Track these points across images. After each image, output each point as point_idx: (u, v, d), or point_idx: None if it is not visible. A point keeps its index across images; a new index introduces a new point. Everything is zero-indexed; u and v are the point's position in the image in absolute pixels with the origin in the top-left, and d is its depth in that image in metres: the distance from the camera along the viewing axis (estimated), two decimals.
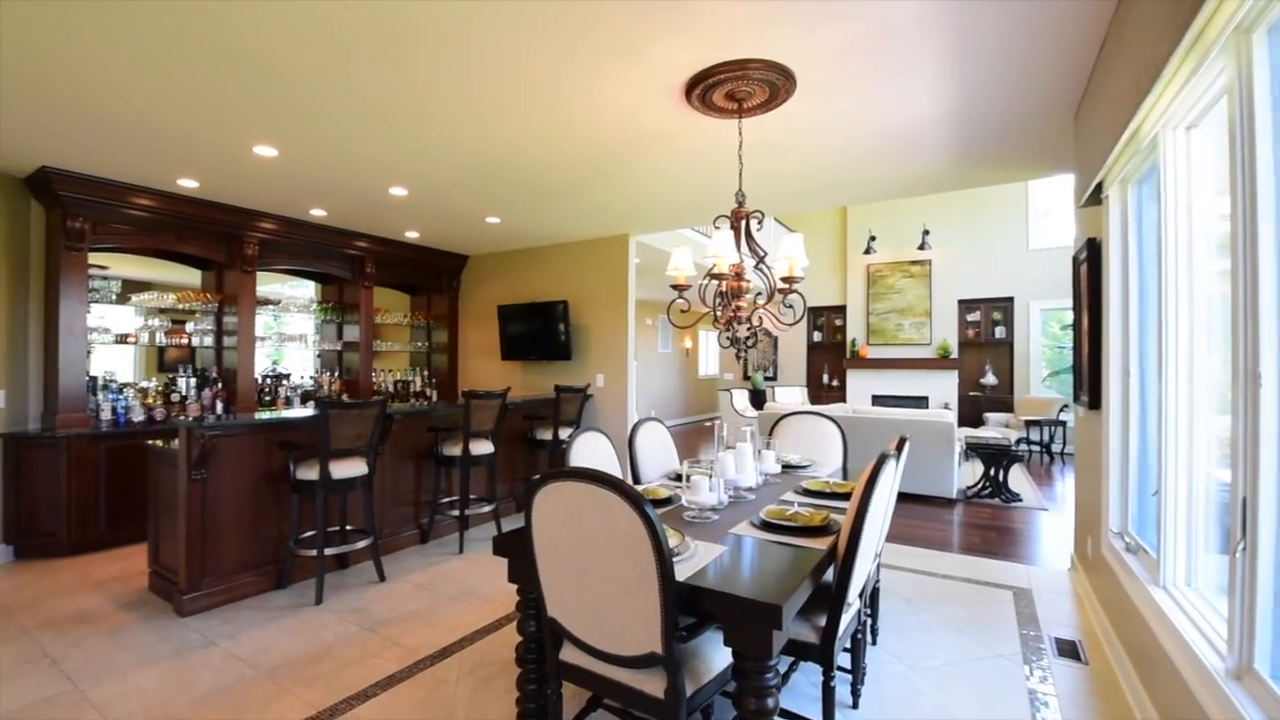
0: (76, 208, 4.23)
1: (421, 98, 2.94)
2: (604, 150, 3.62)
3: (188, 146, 3.61)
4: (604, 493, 1.52)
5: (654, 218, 5.33)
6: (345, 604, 3.37)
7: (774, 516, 2.20)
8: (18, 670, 2.64)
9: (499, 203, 4.85)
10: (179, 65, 2.60)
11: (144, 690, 2.48)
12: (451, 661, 2.69)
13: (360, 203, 4.87)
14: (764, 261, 2.66)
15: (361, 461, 3.62)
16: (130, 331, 5.00)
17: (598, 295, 6.14)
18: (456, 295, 7.35)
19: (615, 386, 6.00)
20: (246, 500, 3.50)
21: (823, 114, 3.11)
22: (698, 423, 13.25)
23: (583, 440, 2.62)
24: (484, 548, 4.38)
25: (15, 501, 4.10)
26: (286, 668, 2.66)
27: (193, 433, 3.19)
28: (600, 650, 1.67)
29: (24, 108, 3.05)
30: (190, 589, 3.23)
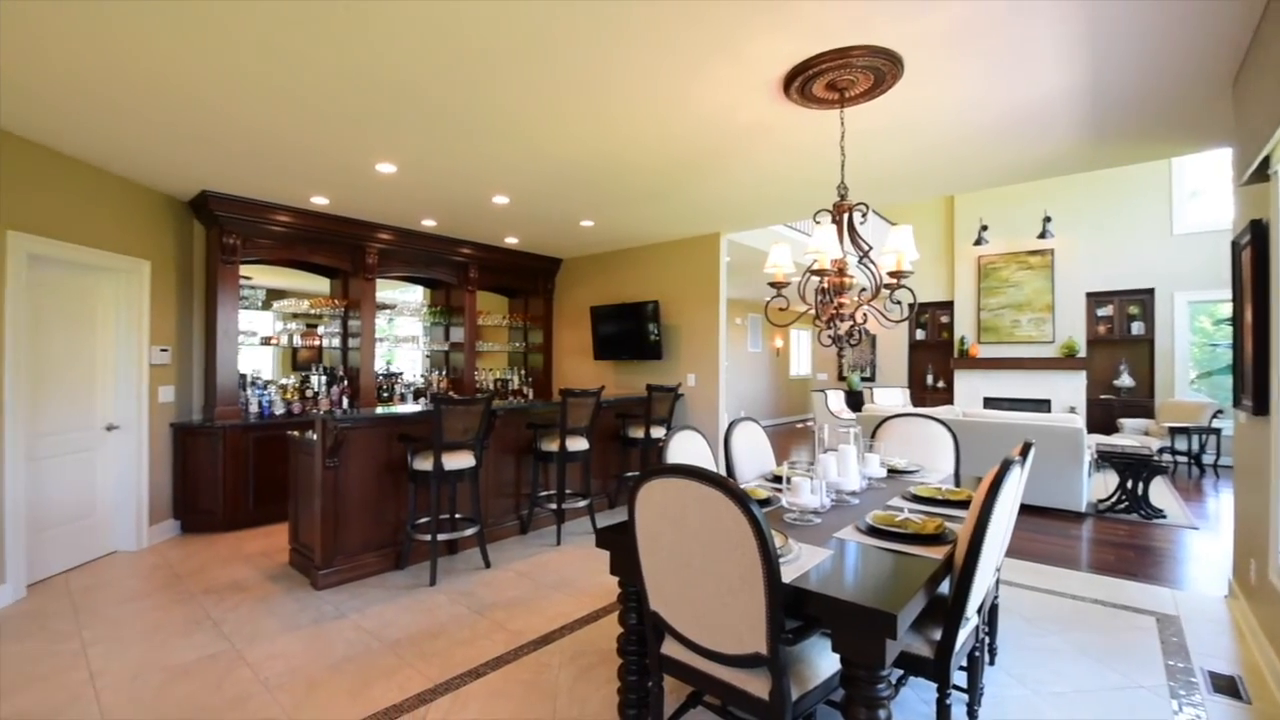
0: (230, 225, 4.81)
1: (523, 112, 3.08)
2: (697, 149, 3.63)
3: (321, 167, 4.00)
4: (708, 490, 1.52)
5: (747, 215, 5.25)
6: (455, 587, 3.60)
7: (882, 522, 2.10)
8: (187, 629, 3.04)
9: (593, 206, 4.98)
10: (317, 93, 2.88)
11: (288, 653, 2.78)
12: (553, 648, 2.79)
13: (466, 212, 5.18)
14: (869, 256, 2.55)
15: (469, 454, 3.85)
16: (272, 334, 5.62)
17: (688, 295, 6.14)
18: (551, 297, 7.62)
19: (706, 386, 5.98)
20: (370, 487, 3.83)
21: (933, 98, 2.93)
22: (789, 424, 12.91)
23: (679, 439, 2.63)
24: (580, 540, 4.52)
25: (182, 483, 4.72)
26: (406, 642, 2.88)
27: (327, 425, 3.53)
28: (702, 647, 1.68)
29: (189, 138, 3.51)
30: (324, 565, 3.58)
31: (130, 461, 4.32)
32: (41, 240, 3.58)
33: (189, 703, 2.37)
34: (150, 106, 3.04)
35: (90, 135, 3.43)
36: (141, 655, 2.76)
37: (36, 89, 2.84)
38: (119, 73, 2.68)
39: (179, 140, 3.52)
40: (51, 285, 3.78)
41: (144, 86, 2.81)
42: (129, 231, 4.28)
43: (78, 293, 4.00)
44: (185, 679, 2.55)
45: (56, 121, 3.23)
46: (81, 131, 3.37)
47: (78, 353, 4.01)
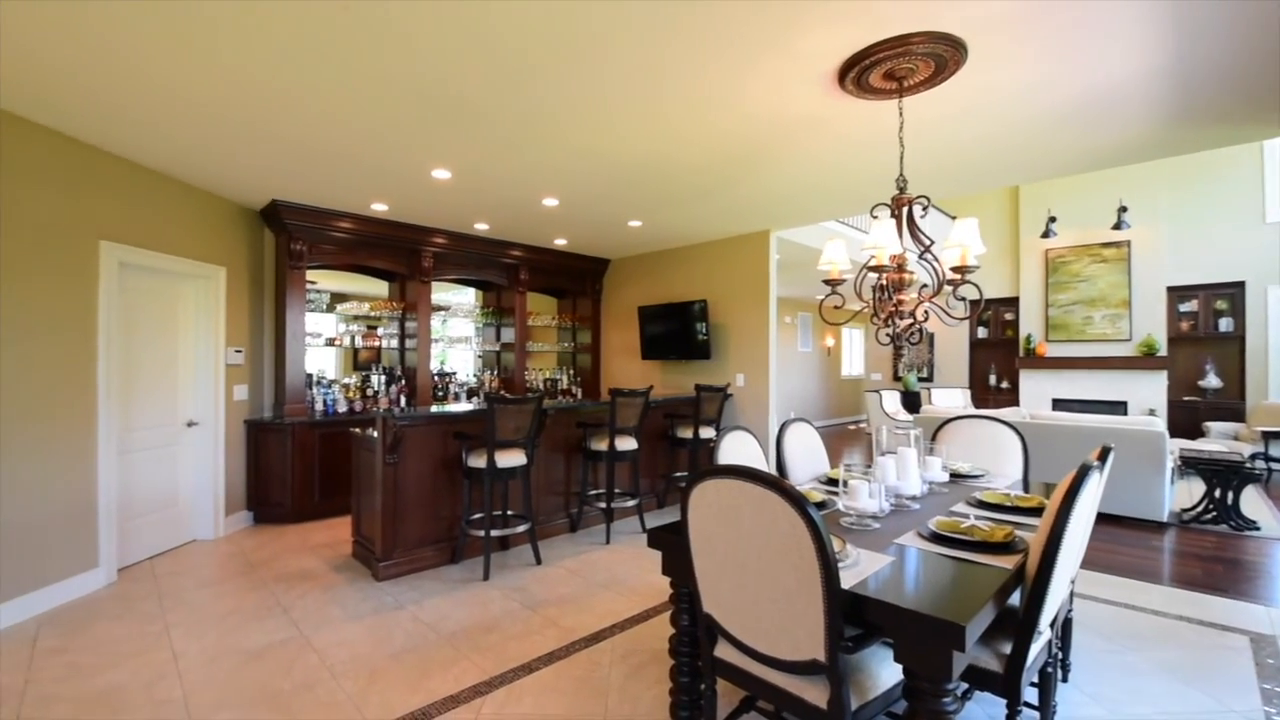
0: (297, 233, 5.06)
1: (572, 115, 3.11)
2: (747, 146, 3.57)
3: (380, 174, 4.15)
4: (763, 492, 1.49)
5: (798, 211, 5.15)
6: (508, 582, 3.67)
7: (946, 528, 2.02)
8: (260, 615, 3.21)
9: (641, 206, 4.99)
10: (375, 104, 2.99)
11: (351, 641, 2.90)
12: (604, 646, 2.81)
13: (517, 214, 5.27)
14: (930, 250, 2.45)
15: (521, 453, 3.92)
16: (335, 335, 5.87)
17: (737, 293, 6.07)
18: (599, 298, 7.68)
19: (756, 386, 5.90)
20: (427, 483, 3.95)
21: (997, 83, 2.80)
22: (840, 426, 12.59)
23: (730, 439, 2.60)
24: (628, 540, 4.53)
25: (254, 476, 5.00)
26: (462, 635, 2.95)
27: (387, 422, 3.66)
28: (757, 651, 1.65)
29: (262, 152, 3.70)
30: (384, 558, 3.71)
31: (208, 456, 4.60)
32: (130, 249, 3.85)
33: (261, 686, 2.50)
34: (226, 121, 3.22)
35: (172, 149, 3.67)
36: (218, 638, 2.93)
37: (127, 106, 3.06)
38: (199, 89, 2.85)
39: (252, 153, 3.71)
40: (139, 291, 4.06)
41: (220, 102, 2.99)
42: (207, 240, 4.56)
43: (162, 298, 4.29)
44: (258, 662, 2.69)
45: (142, 137, 3.47)
46: (164, 146, 3.61)
47: (162, 354, 4.30)
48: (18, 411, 3.16)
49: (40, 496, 3.28)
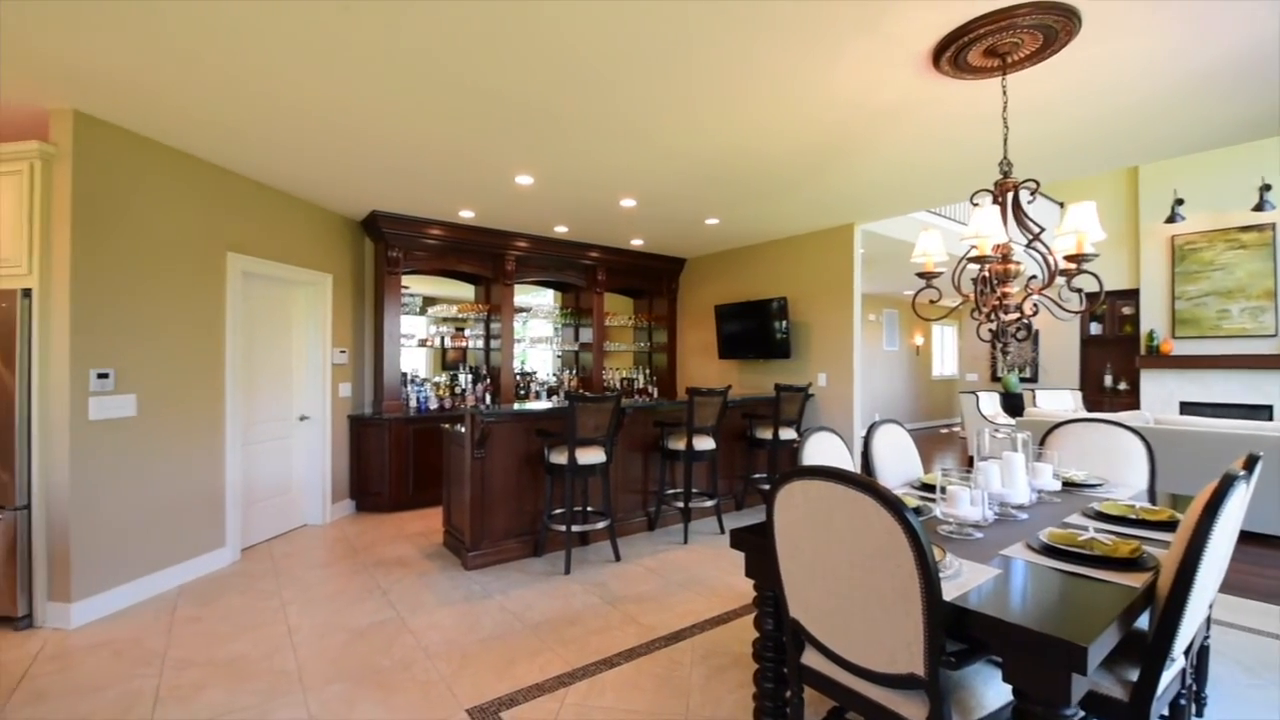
0: (393, 240, 5.39)
1: (651, 116, 3.12)
2: (832, 137, 3.45)
3: (468, 182, 4.34)
4: (856, 495, 1.43)
5: (885, 202, 4.91)
6: (588, 577, 3.73)
7: (1061, 541, 1.85)
8: (362, 597, 3.44)
9: (719, 204, 4.93)
10: (464, 114, 3.13)
11: (443, 625, 3.05)
12: (684, 646, 2.80)
13: (595, 216, 5.36)
14: (1039, 239, 2.26)
15: (601, 450, 3.98)
16: (426, 336, 6.22)
17: (819, 290, 5.87)
18: (675, 297, 7.67)
19: (839, 386, 5.68)
20: (512, 478, 4.10)
21: (1115, 55, 2.54)
22: (931, 429, 11.92)
23: (816, 440, 2.51)
24: (707, 540, 4.49)
25: (356, 467, 5.37)
26: (546, 625, 3.03)
27: (475, 419, 3.83)
28: (848, 661, 1.58)
29: (364, 166, 3.97)
30: (473, 548, 3.88)
31: (317, 448, 5.00)
32: (251, 259, 4.24)
33: (365, 661, 2.68)
34: (333, 140, 3.48)
35: (288, 167, 4.01)
36: (327, 616, 3.17)
37: (250, 132, 3.37)
38: (310, 112, 3.10)
39: (355, 168, 3.99)
40: (258, 297, 4.47)
41: (328, 122, 3.23)
42: (316, 249, 4.95)
43: (277, 303, 4.70)
44: (361, 640, 2.89)
45: (263, 158, 3.81)
46: (281, 165, 3.95)
47: (277, 354, 4.71)
48: (164, 407, 3.56)
49: (181, 482, 3.68)
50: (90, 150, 3.16)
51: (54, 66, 2.65)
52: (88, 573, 3.14)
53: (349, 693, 2.43)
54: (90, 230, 3.16)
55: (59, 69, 2.67)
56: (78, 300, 3.10)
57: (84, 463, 3.14)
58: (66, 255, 3.07)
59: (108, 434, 3.25)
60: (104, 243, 3.23)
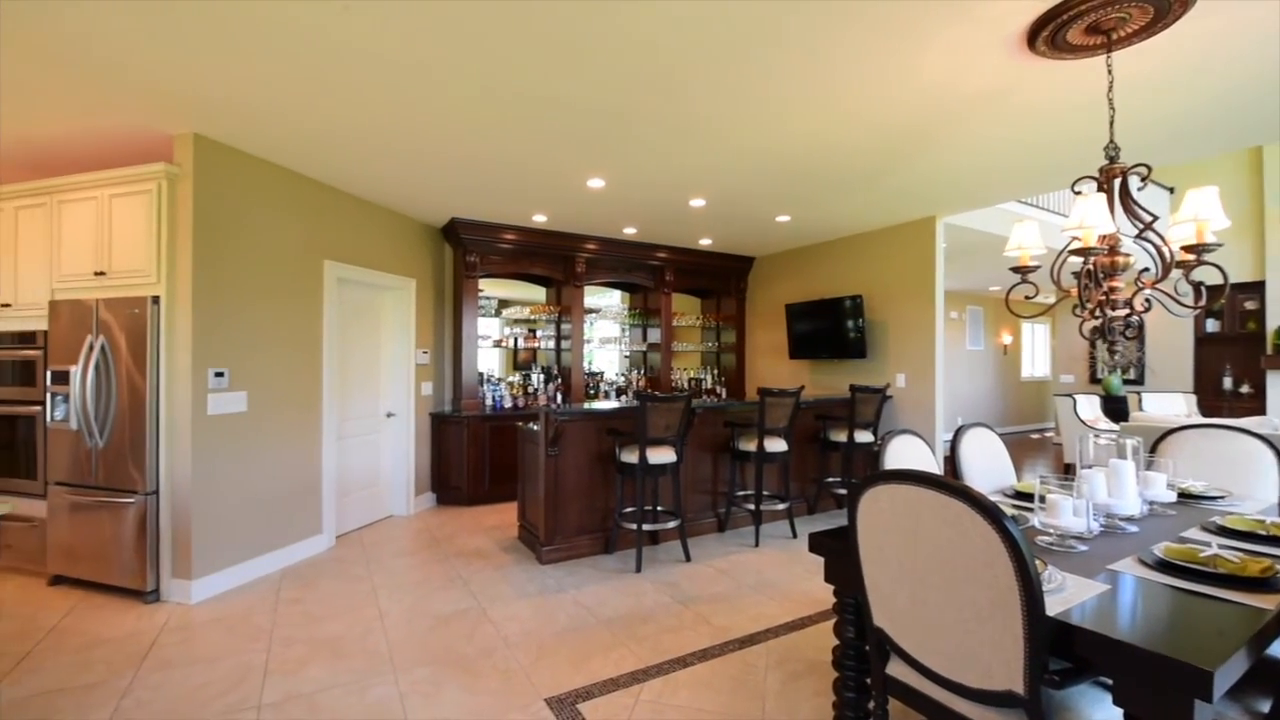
0: (471, 245, 5.62)
1: (726, 114, 3.10)
2: (914, 127, 3.31)
3: (542, 187, 4.47)
4: (950, 501, 1.37)
5: (970, 194, 4.66)
6: (659, 576, 3.75)
7: (1178, 557, 1.70)
8: (445, 585, 3.61)
9: (790, 200, 4.84)
10: (538, 122, 3.23)
11: (521, 617, 3.15)
12: (759, 650, 2.76)
13: (664, 217, 5.38)
14: (1151, 228, 2.07)
15: (671, 450, 3.99)
16: (500, 338, 6.44)
17: (897, 287, 5.64)
18: (744, 296, 7.57)
19: (919, 387, 5.43)
20: (584, 476, 4.18)
21: (1235, 26, 2.30)
22: (1021, 434, 11.18)
23: (898, 443, 2.42)
24: (778, 544, 4.41)
25: (436, 462, 5.64)
26: (618, 621, 3.08)
27: (549, 417, 3.94)
28: (939, 674, 1.51)
29: (447, 177, 4.17)
30: (547, 543, 3.99)
31: (402, 443, 5.28)
32: (345, 266, 4.54)
33: (449, 646, 2.81)
34: (418, 151, 3.67)
35: (376, 180, 4.26)
36: (414, 602, 3.35)
37: (344, 148, 3.61)
38: (399, 129, 3.29)
39: (437, 178, 4.20)
40: (350, 302, 4.78)
41: (413, 135, 3.41)
42: (401, 255, 5.24)
43: (367, 307, 5.00)
44: (445, 626, 3.03)
45: (354, 172, 4.08)
46: (371, 177, 4.21)
47: (367, 354, 5.02)
48: (270, 404, 3.88)
49: (284, 473, 4.00)
50: (208, 169, 3.48)
51: (178, 96, 2.94)
52: (205, 553, 3.47)
53: (436, 675, 2.56)
54: (208, 242, 3.49)
55: (182, 98, 2.96)
56: (198, 305, 3.43)
57: (203, 454, 3.46)
58: (189, 265, 3.40)
59: (223, 428, 3.57)
60: (219, 253, 3.55)
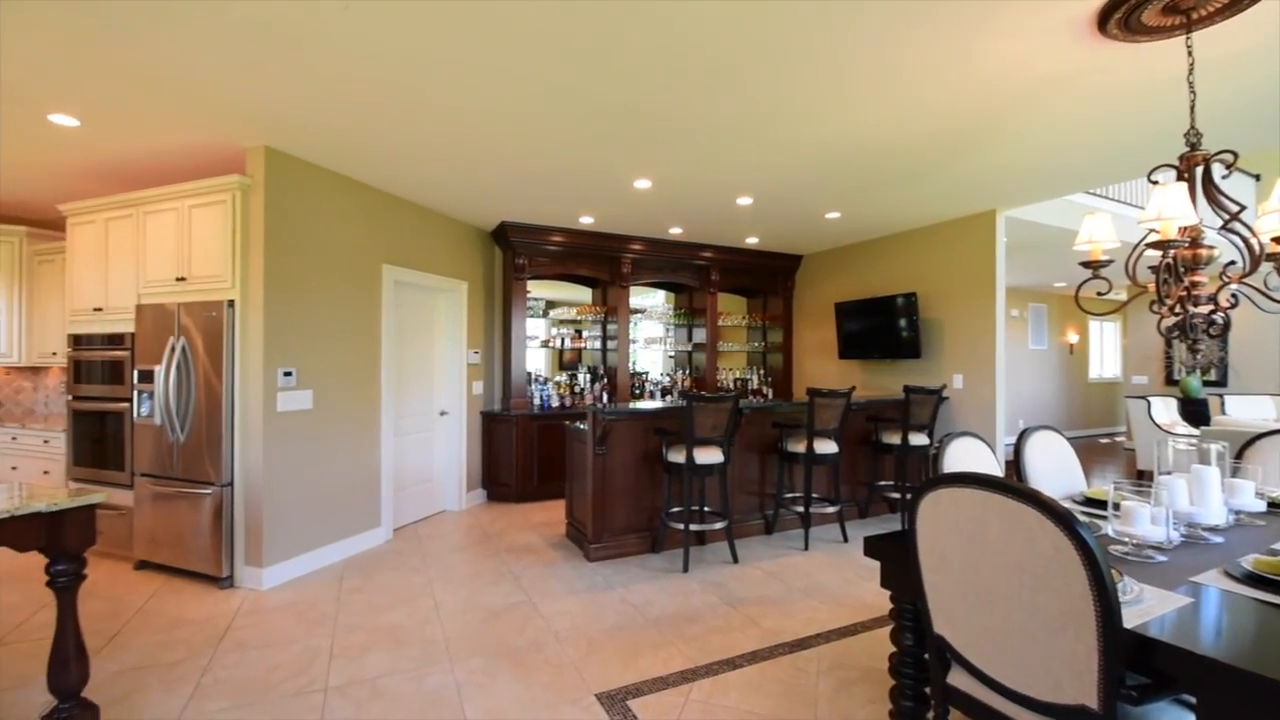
0: (520, 248, 5.74)
1: (773, 111, 3.06)
2: (975, 116, 3.19)
3: (589, 190, 4.52)
4: (1018, 506, 1.31)
5: (1035, 185, 4.45)
6: (706, 577, 3.74)
7: (1270, 569, 1.58)
8: (496, 580, 3.69)
9: (841, 196, 4.73)
10: (586, 125, 3.27)
11: (570, 612, 3.20)
12: (810, 654, 2.72)
13: (710, 216, 5.36)
14: (1238, 219, 1.93)
15: (718, 450, 3.97)
16: (547, 338, 6.55)
17: (954, 284, 5.44)
18: (791, 295, 7.46)
19: (978, 389, 5.22)
20: (630, 475, 4.21)
21: None
22: (1089, 438, 10.60)
23: (959, 445, 2.33)
24: (829, 548, 4.32)
25: (487, 459, 5.78)
26: (666, 621, 3.08)
27: (597, 417, 3.98)
28: (1004, 685, 1.45)
29: (498, 182, 4.27)
30: (595, 541, 4.04)
31: (455, 440, 5.44)
32: (402, 269, 4.72)
33: (501, 639, 2.88)
34: (471, 157, 3.78)
35: (431, 186, 4.41)
36: (467, 595, 3.44)
37: (400, 158, 3.75)
38: (454, 136, 3.39)
39: (488, 183, 4.30)
40: (406, 304, 4.96)
41: (467, 142, 3.51)
42: (454, 259, 5.40)
43: (422, 308, 5.18)
44: (497, 619, 3.11)
45: (410, 179, 4.23)
46: (426, 183, 4.36)
47: (422, 355, 5.19)
48: (333, 402, 4.06)
49: (345, 468, 4.18)
50: (277, 180, 3.68)
51: (251, 112, 3.12)
52: (276, 543, 3.66)
53: (490, 666, 2.63)
54: (277, 248, 3.68)
55: (254, 113, 3.14)
56: (269, 308, 3.62)
57: (273, 448, 3.65)
58: (260, 270, 3.59)
59: (291, 424, 3.76)
60: (287, 258, 3.75)
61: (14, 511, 1.85)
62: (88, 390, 4.15)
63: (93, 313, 4.14)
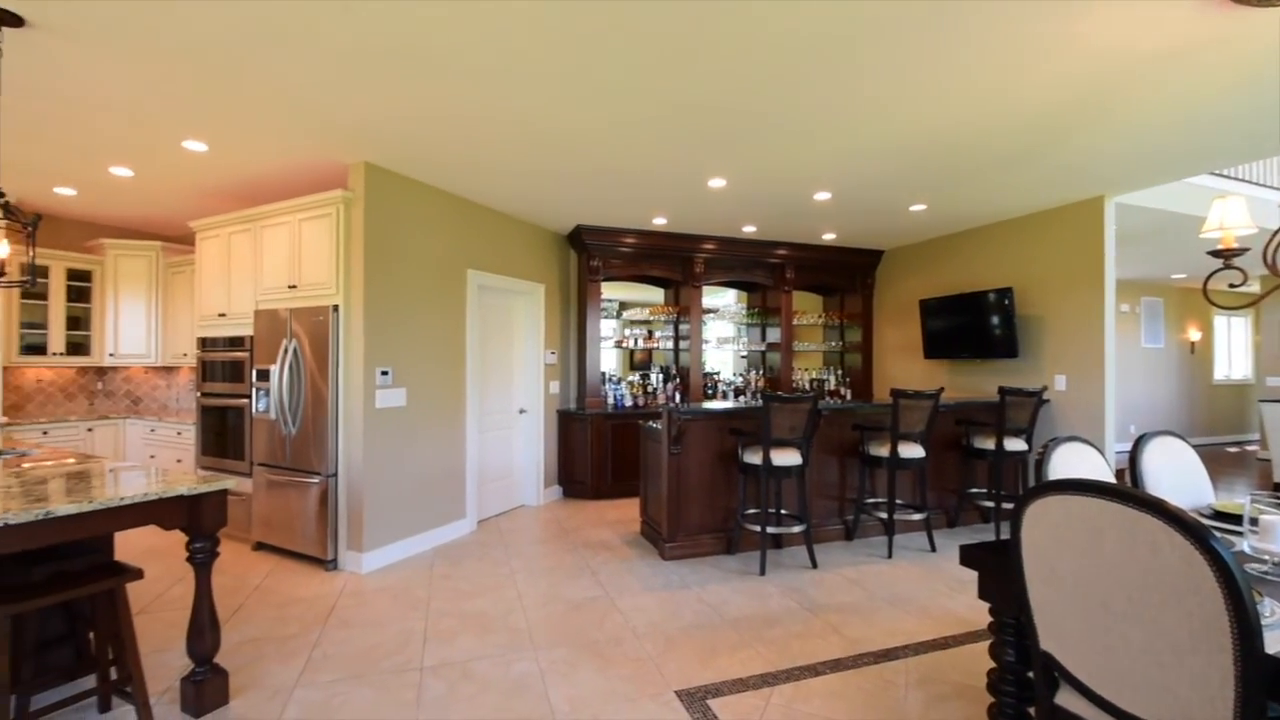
0: (594, 250, 5.85)
1: (848, 104, 2.98)
2: (1082, 95, 2.95)
3: (663, 191, 4.55)
4: (1140, 516, 1.21)
5: (1150, 167, 4.06)
6: (784, 581, 3.67)
7: None
8: (575, 574, 3.79)
9: (928, 187, 4.51)
10: (661, 126, 3.29)
11: (647, 609, 3.23)
12: (897, 666, 2.61)
13: (786, 213, 5.25)
14: None
15: (796, 452, 3.89)
16: (620, 338, 6.64)
17: (1055, 277, 5.05)
18: (871, 293, 7.18)
19: (1084, 391, 4.82)
20: (705, 475, 4.20)
21: None
22: (1214, 446, 9.55)
23: (1065, 451, 2.17)
24: (915, 557, 4.13)
25: (563, 457, 5.94)
26: (744, 622, 3.06)
27: (672, 416, 4.00)
28: (1123, 710, 1.34)
29: (575, 186, 4.38)
30: (670, 540, 4.06)
31: (533, 438, 5.62)
32: (484, 274, 4.93)
33: (581, 632, 2.96)
34: (549, 164, 3.90)
35: (511, 193, 4.58)
36: (548, 587, 3.56)
37: (485, 164, 3.92)
38: (534, 142, 3.51)
39: (565, 187, 4.42)
40: (489, 306, 5.17)
41: (546, 149, 3.63)
42: (532, 262, 5.59)
43: (503, 311, 5.39)
44: (577, 612, 3.19)
45: (492, 188, 4.42)
46: (506, 191, 4.54)
47: (502, 355, 5.40)
48: (424, 399, 4.31)
49: (435, 462, 4.42)
50: (375, 193, 3.94)
51: (353, 130, 3.36)
52: (374, 530, 3.92)
53: (571, 657, 2.70)
54: (375, 256, 3.94)
55: (356, 132, 3.38)
56: (368, 312, 3.89)
57: (372, 442, 3.92)
58: (361, 277, 3.86)
59: (387, 420, 4.03)
60: (384, 265, 4.01)
61: (162, 494, 2.09)
62: (213, 388, 4.62)
63: (217, 318, 4.60)
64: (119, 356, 5.65)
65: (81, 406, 5.72)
